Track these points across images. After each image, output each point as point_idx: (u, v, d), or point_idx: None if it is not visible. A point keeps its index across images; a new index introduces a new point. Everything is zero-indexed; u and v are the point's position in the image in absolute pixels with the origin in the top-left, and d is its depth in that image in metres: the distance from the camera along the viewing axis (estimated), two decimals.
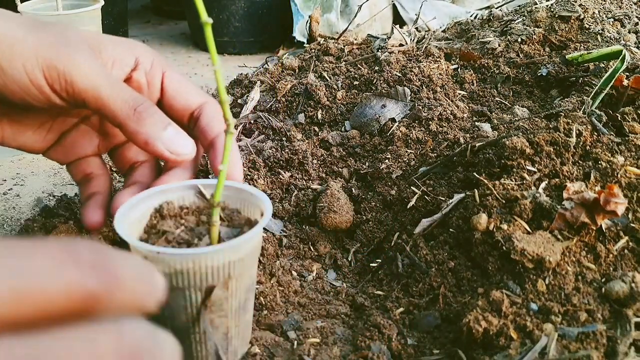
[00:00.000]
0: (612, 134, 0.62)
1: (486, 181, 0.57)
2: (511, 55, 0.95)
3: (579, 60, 0.89)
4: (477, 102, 0.87)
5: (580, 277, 0.48)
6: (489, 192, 0.56)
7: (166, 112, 0.49)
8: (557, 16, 1.01)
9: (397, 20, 1.81)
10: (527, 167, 0.58)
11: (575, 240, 0.50)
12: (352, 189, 0.70)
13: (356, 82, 0.88)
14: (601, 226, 0.50)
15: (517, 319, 0.46)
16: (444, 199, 0.62)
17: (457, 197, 0.60)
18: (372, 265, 0.61)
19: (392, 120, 0.80)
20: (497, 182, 0.56)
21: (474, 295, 0.51)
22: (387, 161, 0.71)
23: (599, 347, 0.43)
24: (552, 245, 0.49)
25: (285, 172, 0.73)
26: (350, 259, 0.64)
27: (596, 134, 0.62)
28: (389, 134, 0.78)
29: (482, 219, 0.53)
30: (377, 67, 0.90)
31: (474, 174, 0.61)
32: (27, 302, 0.18)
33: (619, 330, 0.44)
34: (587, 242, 0.50)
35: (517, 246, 0.49)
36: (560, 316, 0.45)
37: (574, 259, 0.49)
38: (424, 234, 0.60)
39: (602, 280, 0.48)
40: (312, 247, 0.65)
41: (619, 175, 0.54)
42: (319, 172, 0.74)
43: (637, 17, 1.04)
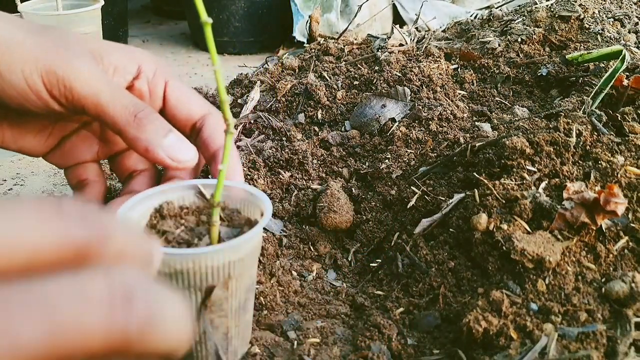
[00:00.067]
0: (612, 134, 0.62)
1: (486, 181, 0.57)
2: (511, 55, 0.95)
3: (579, 60, 0.89)
4: (477, 102, 0.87)
5: (580, 277, 0.48)
6: (489, 192, 0.56)
7: (168, 122, 0.49)
8: (557, 16, 1.01)
9: (397, 20, 1.81)
10: (527, 167, 0.58)
11: (575, 240, 0.50)
12: (352, 189, 0.70)
13: (356, 82, 0.88)
14: (601, 226, 0.50)
15: (517, 319, 0.46)
16: (444, 199, 0.62)
17: (457, 197, 0.60)
18: (372, 265, 0.61)
19: (392, 120, 0.80)
20: (497, 182, 0.56)
21: (474, 295, 0.51)
22: (387, 161, 0.71)
23: (599, 347, 0.43)
24: (552, 245, 0.49)
25: (285, 172, 0.73)
26: (350, 259, 0.64)
27: (596, 134, 0.62)
28: (389, 134, 0.78)
29: (482, 219, 0.53)
30: (377, 67, 0.90)
31: (474, 174, 0.61)
32: (19, 256, 0.19)
33: (619, 330, 0.44)
34: (587, 242, 0.50)
35: (517, 246, 0.49)
36: (560, 316, 0.45)
37: (574, 259, 0.49)
38: (424, 234, 0.60)
39: (602, 280, 0.48)
40: (312, 247, 0.65)
41: (619, 175, 0.54)
42: (319, 172, 0.74)
43: (637, 17, 1.04)
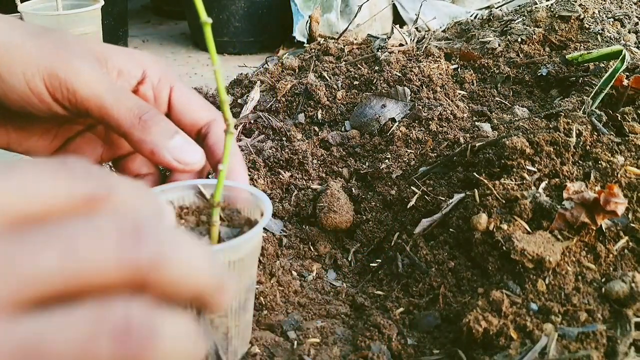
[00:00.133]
0: (612, 134, 0.62)
1: (486, 181, 0.57)
2: (511, 55, 0.95)
3: (579, 60, 0.89)
4: (477, 102, 0.87)
5: (580, 277, 0.48)
6: (489, 192, 0.56)
7: None
8: (557, 16, 1.01)
9: (397, 20, 1.81)
10: (527, 167, 0.58)
11: (575, 240, 0.50)
12: (352, 189, 0.70)
13: (356, 82, 0.88)
14: (601, 226, 0.50)
15: (517, 319, 0.46)
16: (444, 199, 0.62)
17: (457, 197, 0.60)
18: (372, 265, 0.61)
19: (392, 120, 0.80)
20: (497, 182, 0.56)
21: (474, 295, 0.51)
22: (387, 161, 0.71)
23: (599, 347, 0.43)
24: (552, 245, 0.49)
25: (285, 172, 0.73)
26: (350, 259, 0.64)
27: (596, 134, 0.62)
28: (389, 134, 0.78)
29: (482, 219, 0.53)
30: (377, 67, 0.90)
31: (474, 174, 0.61)
32: (34, 208, 0.20)
33: (619, 330, 0.44)
34: (587, 242, 0.50)
35: (517, 246, 0.49)
36: (560, 316, 0.45)
37: (574, 259, 0.49)
38: (424, 234, 0.60)
39: (602, 280, 0.48)
40: (312, 247, 0.65)
41: (619, 175, 0.54)
42: (319, 172, 0.74)
43: (637, 17, 1.04)
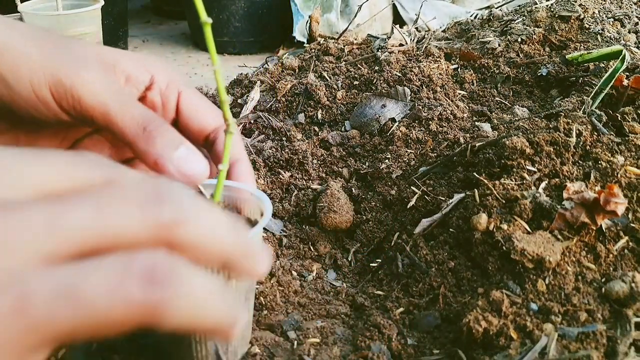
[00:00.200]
0: (612, 134, 0.62)
1: (486, 181, 0.57)
2: (511, 55, 0.95)
3: (579, 60, 0.89)
4: (477, 102, 0.87)
5: (580, 277, 0.48)
6: (489, 192, 0.56)
7: (181, 133, 0.49)
8: (557, 16, 1.01)
9: (397, 20, 1.81)
10: (527, 167, 0.58)
11: (575, 240, 0.49)
12: (352, 189, 0.70)
13: (356, 82, 0.88)
14: (601, 226, 0.50)
15: (517, 319, 0.46)
16: (444, 199, 0.62)
17: (457, 197, 0.60)
18: (372, 265, 0.61)
19: (392, 120, 0.80)
20: (497, 182, 0.56)
21: (474, 295, 0.51)
22: (387, 161, 0.71)
23: (599, 347, 0.43)
24: (552, 245, 0.49)
25: (285, 172, 0.73)
26: (350, 259, 0.64)
27: (596, 134, 0.62)
28: (389, 134, 0.78)
29: (482, 219, 0.53)
30: (377, 67, 0.90)
31: (474, 174, 0.61)
32: (63, 185, 0.25)
33: (619, 330, 0.44)
34: (587, 242, 0.50)
35: (517, 246, 0.49)
36: (560, 316, 0.45)
37: (574, 259, 0.49)
38: (424, 234, 0.60)
39: (602, 280, 0.48)
40: (312, 247, 0.65)
41: (619, 175, 0.54)
42: (319, 172, 0.74)
43: (637, 17, 1.04)
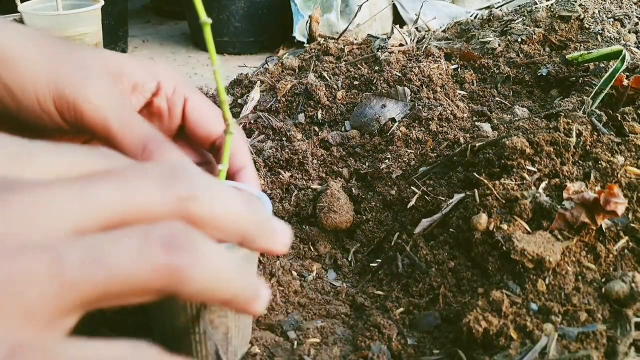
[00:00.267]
0: (612, 134, 0.62)
1: (486, 181, 0.57)
2: (511, 55, 0.95)
3: (579, 60, 0.89)
4: (477, 102, 0.87)
5: (580, 277, 0.48)
6: (489, 192, 0.56)
7: (187, 138, 0.48)
8: (557, 16, 1.01)
9: (397, 20, 1.81)
10: (527, 167, 0.58)
11: (575, 240, 0.49)
12: (352, 189, 0.70)
13: (356, 82, 0.88)
14: (601, 226, 0.50)
15: (517, 319, 0.46)
16: (444, 199, 0.62)
17: (457, 197, 0.60)
18: (372, 265, 0.61)
19: (392, 120, 0.80)
20: (497, 182, 0.56)
21: (474, 295, 0.51)
22: (387, 161, 0.71)
23: (599, 347, 0.43)
24: (552, 245, 0.49)
25: (285, 172, 0.73)
26: (350, 259, 0.64)
27: (596, 134, 0.62)
28: (389, 134, 0.78)
29: (482, 219, 0.53)
30: (377, 67, 0.90)
31: (474, 174, 0.61)
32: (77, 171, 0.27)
33: (619, 330, 0.44)
34: (587, 242, 0.50)
35: (517, 246, 0.49)
36: (560, 316, 0.45)
37: (574, 259, 0.49)
38: (424, 234, 0.60)
39: (602, 280, 0.48)
40: (312, 247, 0.65)
41: (619, 175, 0.54)
42: (319, 172, 0.74)
43: (637, 17, 1.04)
